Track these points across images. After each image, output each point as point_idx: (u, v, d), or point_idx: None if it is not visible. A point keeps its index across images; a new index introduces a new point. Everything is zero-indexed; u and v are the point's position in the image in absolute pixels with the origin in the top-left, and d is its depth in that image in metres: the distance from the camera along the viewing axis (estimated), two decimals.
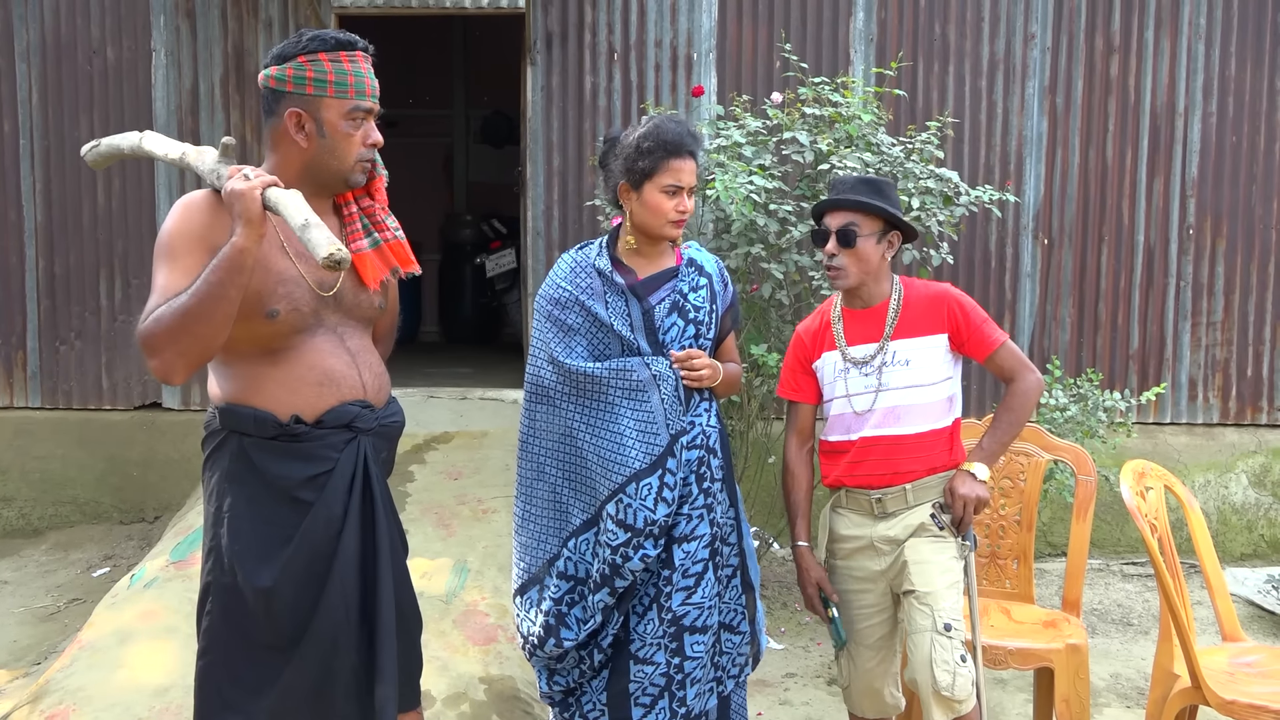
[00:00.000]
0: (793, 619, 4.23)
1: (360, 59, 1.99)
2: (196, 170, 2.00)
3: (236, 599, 1.92)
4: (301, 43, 1.95)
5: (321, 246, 1.74)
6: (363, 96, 1.97)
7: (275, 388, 1.93)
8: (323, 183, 2.00)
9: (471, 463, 4.40)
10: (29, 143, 5.21)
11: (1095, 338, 5.26)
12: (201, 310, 1.78)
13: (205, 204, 1.93)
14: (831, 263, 2.51)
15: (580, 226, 5.15)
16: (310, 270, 1.96)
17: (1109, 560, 5.00)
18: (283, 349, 1.94)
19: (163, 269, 1.88)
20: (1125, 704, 3.58)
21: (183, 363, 1.82)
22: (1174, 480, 2.91)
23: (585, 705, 2.36)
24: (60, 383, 5.28)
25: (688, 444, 2.33)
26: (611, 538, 2.27)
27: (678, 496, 2.30)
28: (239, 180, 1.82)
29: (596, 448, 2.31)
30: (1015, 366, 2.52)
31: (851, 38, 5.16)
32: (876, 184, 2.55)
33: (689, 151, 2.33)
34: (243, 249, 1.79)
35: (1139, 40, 5.18)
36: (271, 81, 1.97)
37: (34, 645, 3.93)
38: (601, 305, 2.35)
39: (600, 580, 2.28)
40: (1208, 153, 5.21)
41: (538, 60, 5.16)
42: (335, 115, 1.95)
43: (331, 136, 1.96)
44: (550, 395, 2.36)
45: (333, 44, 1.95)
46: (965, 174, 5.04)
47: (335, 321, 2.01)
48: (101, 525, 5.17)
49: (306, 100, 1.94)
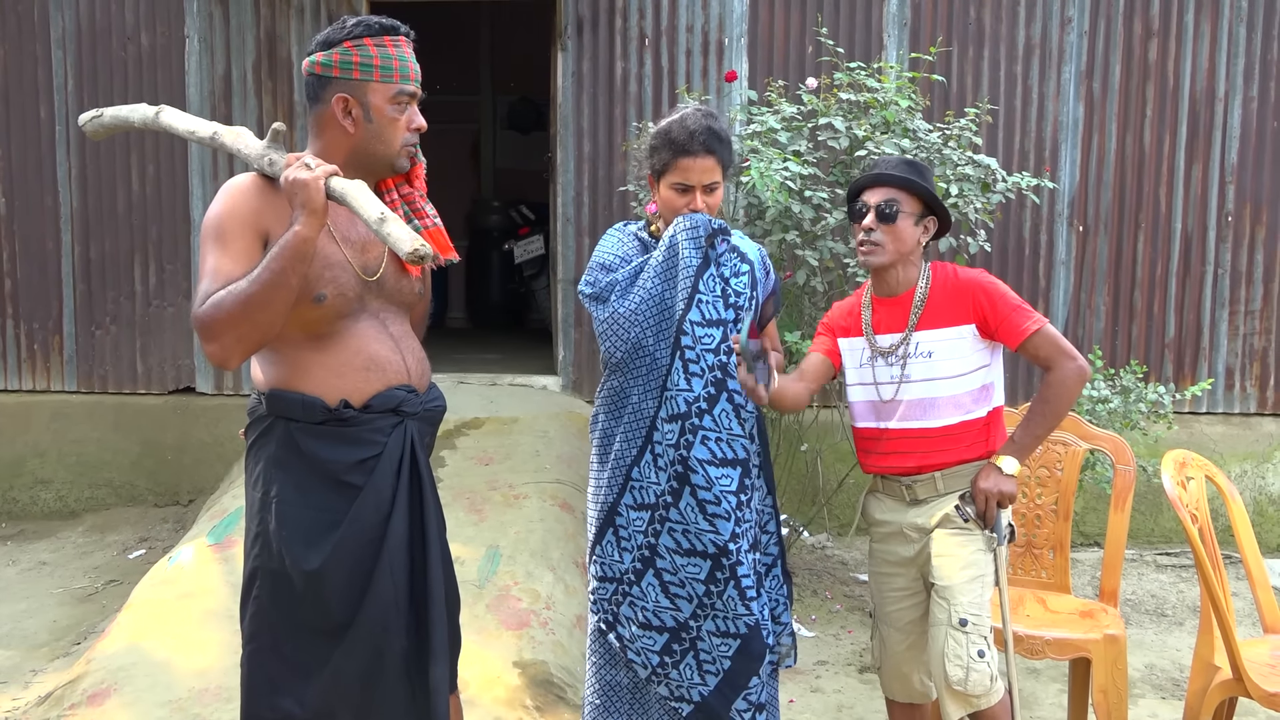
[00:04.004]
0: (823, 607, 4.23)
1: (404, 44, 2.00)
2: (234, 151, 2.00)
3: (285, 584, 1.94)
4: (346, 28, 1.96)
5: (405, 242, 1.74)
6: (407, 81, 1.98)
7: (322, 373, 1.94)
8: (369, 168, 2.00)
9: (502, 448, 4.42)
10: (65, 129, 5.26)
11: (1130, 326, 5.20)
12: (263, 297, 1.80)
13: (253, 188, 1.94)
14: (870, 238, 2.48)
15: (611, 213, 5.14)
16: (355, 255, 1.97)
17: (1142, 550, 4.95)
18: (328, 334, 1.95)
19: (213, 252, 1.88)
20: (1161, 695, 3.55)
21: (241, 348, 1.84)
22: (1215, 470, 2.88)
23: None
24: (96, 367, 5.34)
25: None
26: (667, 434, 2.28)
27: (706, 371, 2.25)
28: (301, 169, 1.82)
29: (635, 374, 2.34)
30: (1052, 354, 2.43)
31: (885, 22, 5.10)
32: (920, 167, 2.53)
33: (700, 150, 2.31)
34: (306, 238, 1.81)
35: (1178, 24, 5.09)
36: (317, 68, 1.97)
37: (73, 626, 3.99)
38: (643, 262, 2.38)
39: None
40: (1248, 138, 5.13)
41: (568, 46, 5.15)
42: (381, 100, 1.96)
43: (378, 121, 1.96)
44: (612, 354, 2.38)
45: (377, 29, 1.96)
46: (1000, 160, 4.99)
47: (378, 307, 2.02)
48: (137, 508, 5.24)
49: (353, 85, 1.95)
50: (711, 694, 2.30)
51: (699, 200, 2.32)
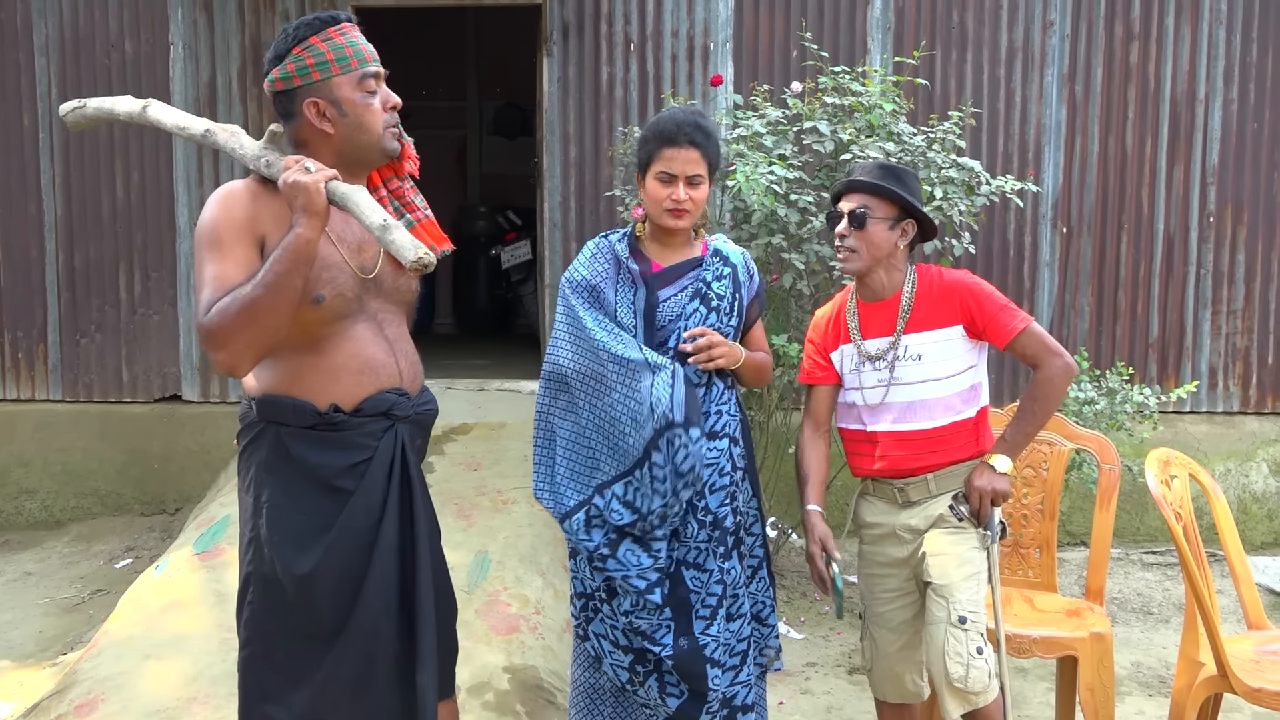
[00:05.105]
0: (813, 608, 4.24)
1: (349, 29, 1.97)
2: (228, 149, 1.98)
3: (277, 589, 1.93)
4: (289, 36, 1.95)
5: (408, 250, 1.73)
6: (365, 63, 1.95)
7: (316, 376, 1.93)
8: (361, 160, 1.98)
9: (490, 454, 4.42)
10: (48, 136, 5.24)
11: (1115, 327, 5.24)
12: (268, 301, 1.78)
13: (247, 193, 1.93)
14: (843, 244, 2.51)
15: (597, 218, 5.15)
16: (352, 254, 1.97)
17: (1128, 549, 4.98)
18: (324, 336, 1.94)
19: (212, 260, 1.86)
20: (1147, 692, 3.57)
21: (250, 354, 1.83)
22: (1198, 469, 2.90)
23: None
24: (81, 375, 5.32)
25: (711, 432, 2.33)
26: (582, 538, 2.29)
27: (669, 489, 2.21)
28: (300, 172, 1.81)
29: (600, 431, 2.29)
30: (1039, 352, 2.45)
31: (869, 26, 5.13)
32: (896, 171, 2.54)
33: (685, 141, 2.31)
34: (309, 239, 1.79)
35: (1159, 26, 5.14)
36: (279, 84, 1.95)
37: (59, 636, 3.96)
38: (611, 289, 2.36)
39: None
40: (1228, 140, 5.18)
41: (554, 51, 5.16)
42: (349, 90, 1.94)
43: (353, 112, 1.94)
44: (566, 381, 2.36)
45: (318, 25, 1.94)
46: (984, 162, 5.02)
47: (376, 308, 2.01)
48: (123, 517, 5.21)
49: (317, 87, 1.93)
50: (680, 707, 2.31)
51: (681, 190, 2.31)
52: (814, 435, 2.62)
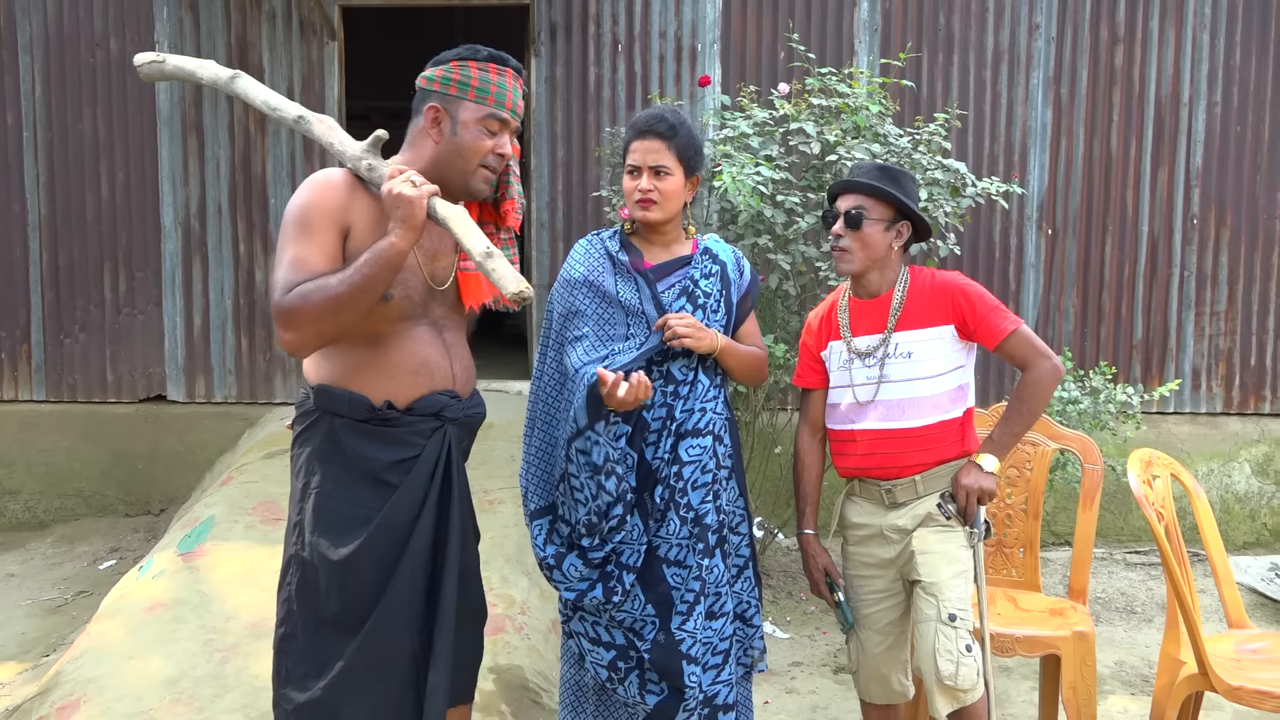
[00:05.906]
0: (798, 608, 4.24)
1: (509, 75, 2.06)
2: (323, 142, 2.03)
3: (312, 574, 1.98)
4: (460, 52, 2.05)
5: (510, 282, 1.79)
6: (501, 107, 2.03)
7: (374, 372, 1.99)
8: (445, 182, 2.03)
9: (477, 454, 4.38)
10: (32, 135, 5.21)
11: (1099, 328, 5.27)
12: (351, 299, 1.85)
13: (343, 184, 1.98)
14: (838, 244, 2.52)
15: (585, 218, 5.15)
16: (426, 262, 2.03)
17: (1112, 549, 5.01)
18: (386, 334, 1.99)
19: (297, 241, 1.92)
20: (1130, 691, 3.59)
21: (318, 342, 1.91)
22: (1180, 469, 2.92)
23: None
24: (65, 375, 5.29)
25: (695, 429, 2.33)
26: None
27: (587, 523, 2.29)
28: (405, 184, 1.87)
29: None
30: (1028, 354, 2.47)
31: (856, 27, 5.15)
32: (893, 172, 2.55)
33: (650, 133, 2.32)
34: (402, 250, 1.87)
35: (1144, 30, 5.17)
36: (423, 81, 2.06)
37: (42, 638, 3.94)
38: (610, 280, 2.37)
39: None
40: (1212, 143, 5.21)
41: (541, 52, 5.16)
42: (470, 117, 2.02)
43: (462, 136, 2.02)
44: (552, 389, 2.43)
45: (484, 56, 2.04)
46: (970, 164, 5.05)
47: (439, 315, 2.08)
48: (107, 518, 5.19)
49: (447, 99, 2.02)
50: (658, 705, 2.32)
51: (646, 180, 2.30)
52: (812, 441, 2.65)
